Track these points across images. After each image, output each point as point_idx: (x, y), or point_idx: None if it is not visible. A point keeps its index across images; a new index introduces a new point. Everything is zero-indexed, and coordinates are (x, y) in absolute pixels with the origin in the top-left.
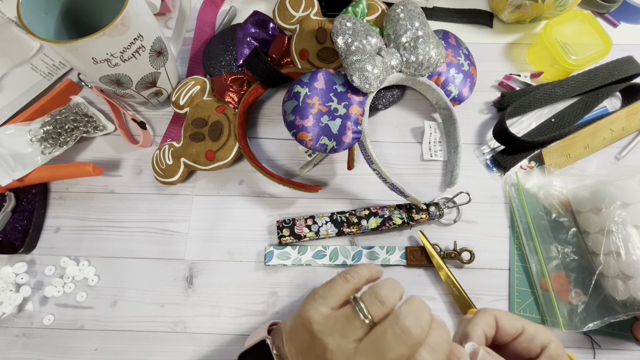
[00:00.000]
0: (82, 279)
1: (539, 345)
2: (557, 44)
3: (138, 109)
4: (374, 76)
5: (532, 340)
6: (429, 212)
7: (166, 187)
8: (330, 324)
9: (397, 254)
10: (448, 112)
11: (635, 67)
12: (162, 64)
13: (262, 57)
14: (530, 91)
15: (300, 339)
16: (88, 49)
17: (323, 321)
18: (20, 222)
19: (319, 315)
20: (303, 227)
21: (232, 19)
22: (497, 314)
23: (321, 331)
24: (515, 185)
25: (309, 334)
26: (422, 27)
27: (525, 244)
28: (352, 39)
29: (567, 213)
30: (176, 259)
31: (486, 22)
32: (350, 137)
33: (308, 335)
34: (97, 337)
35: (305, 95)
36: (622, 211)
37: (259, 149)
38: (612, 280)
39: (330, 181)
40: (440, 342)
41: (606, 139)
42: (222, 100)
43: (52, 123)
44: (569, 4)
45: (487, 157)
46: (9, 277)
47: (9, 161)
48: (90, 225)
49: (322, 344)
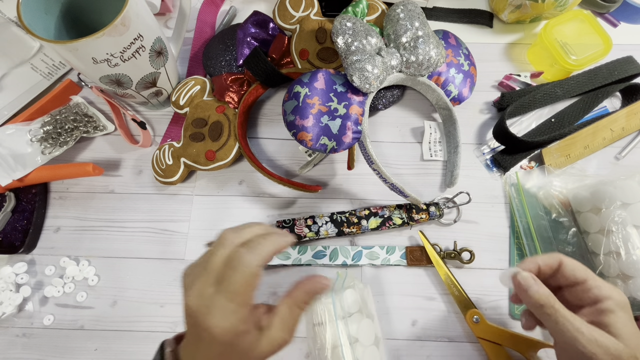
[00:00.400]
0: (82, 279)
1: (592, 298)
2: (557, 44)
3: (138, 109)
4: (374, 76)
5: (588, 291)
6: (429, 212)
7: (166, 187)
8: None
9: (397, 254)
10: (448, 112)
11: (635, 67)
12: (162, 64)
13: (262, 57)
14: (530, 91)
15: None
16: (88, 49)
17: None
18: (20, 222)
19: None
20: (303, 227)
21: (232, 19)
22: (563, 259)
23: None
24: (515, 185)
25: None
26: (422, 27)
27: (525, 244)
28: (352, 39)
29: (567, 213)
30: (176, 259)
31: (486, 22)
32: (350, 137)
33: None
34: (97, 337)
35: (305, 95)
36: (622, 211)
37: (259, 149)
38: (612, 280)
39: (330, 181)
40: (261, 243)
41: (606, 139)
42: (222, 100)
43: (52, 123)
44: (569, 4)
45: (487, 157)
46: (9, 277)
47: (9, 161)
48: (90, 225)
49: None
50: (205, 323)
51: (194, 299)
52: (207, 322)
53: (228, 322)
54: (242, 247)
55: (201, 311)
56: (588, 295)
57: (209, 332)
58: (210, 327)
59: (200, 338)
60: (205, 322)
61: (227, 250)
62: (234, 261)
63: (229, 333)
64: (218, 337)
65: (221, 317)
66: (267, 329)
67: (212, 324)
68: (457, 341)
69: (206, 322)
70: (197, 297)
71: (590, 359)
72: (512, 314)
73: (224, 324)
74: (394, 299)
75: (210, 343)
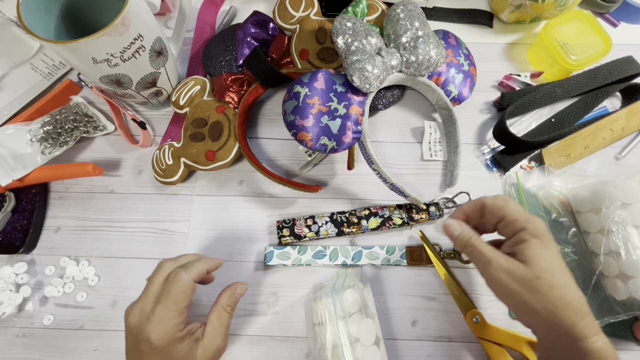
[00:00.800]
0: (82, 279)
1: (511, 231)
2: (557, 44)
3: (138, 109)
4: (374, 76)
5: (508, 225)
6: (429, 212)
7: (166, 187)
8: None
9: (397, 254)
10: (448, 112)
11: (635, 67)
12: (162, 64)
13: (262, 57)
14: (530, 91)
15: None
16: (88, 49)
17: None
18: (20, 222)
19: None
20: (303, 227)
21: (232, 19)
22: (486, 201)
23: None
24: (515, 185)
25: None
26: (422, 27)
27: None
28: (352, 39)
29: (567, 213)
30: None
31: (486, 22)
32: (350, 137)
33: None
34: (97, 337)
35: (305, 95)
36: (622, 211)
37: (259, 149)
38: (612, 280)
39: (330, 181)
40: (194, 263)
41: (606, 139)
42: (222, 100)
43: (52, 123)
44: (569, 4)
45: (487, 157)
46: (9, 277)
47: (9, 161)
48: (90, 225)
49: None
50: (145, 332)
51: (135, 316)
52: (147, 331)
53: (165, 328)
54: (179, 267)
55: (142, 323)
56: (509, 229)
57: (148, 341)
58: (149, 335)
59: (140, 353)
60: (145, 331)
61: (165, 272)
62: (171, 277)
63: (165, 339)
64: (156, 344)
65: (159, 323)
66: (201, 339)
67: (151, 331)
68: (457, 341)
69: (146, 331)
70: (138, 314)
71: (499, 283)
72: (512, 314)
73: (162, 330)
74: (394, 299)
75: (150, 355)
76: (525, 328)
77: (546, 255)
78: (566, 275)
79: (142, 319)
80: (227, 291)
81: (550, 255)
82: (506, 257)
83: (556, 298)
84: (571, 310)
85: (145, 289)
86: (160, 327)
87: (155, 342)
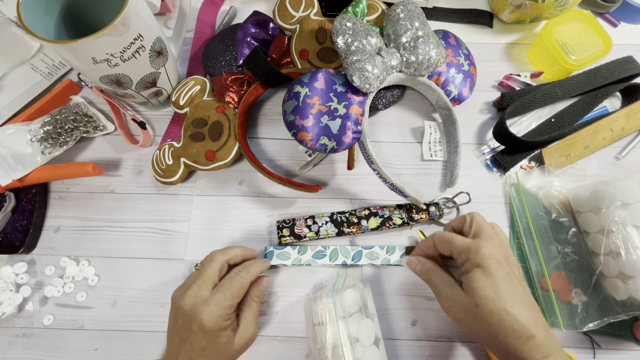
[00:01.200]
0: (82, 279)
1: (460, 262)
2: (557, 44)
3: (138, 109)
4: (374, 76)
5: (457, 257)
6: (429, 212)
7: (166, 187)
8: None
9: (397, 254)
10: (448, 112)
11: (635, 67)
12: (162, 64)
13: (262, 57)
14: (530, 91)
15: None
16: (88, 49)
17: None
18: (20, 222)
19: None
20: (303, 227)
21: (232, 19)
22: (435, 240)
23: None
24: (515, 185)
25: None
26: (422, 27)
27: (525, 244)
28: (352, 39)
29: (567, 213)
30: (176, 259)
31: (486, 22)
32: (350, 137)
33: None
34: (97, 337)
35: (305, 95)
36: (622, 211)
37: (259, 149)
38: (612, 280)
39: (330, 181)
40: (252, 265)
41: (606, 139)
42: (222, 100)
43: (52, 123)
44: (569, 4)
45: (487, 157)
46: (9, 277)
47: (9, 161)
48: (90, 225)
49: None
50: (200, 315)
51: (190, 299)
52: (202, 313)
53: (218, 314)
54: (242, 268)
55: (197, 306)
56: (459, 260)
57: (201, 323)
58: (203, 318)
59: (190, 333)
60: (201, 313)
61: (218, 264)
62: (233, 275)
63: (217, 324)
64: (207, 327)
65: (214, 310)
66: (237, 328)
67: (206, 314)
68: (457, 341)
69: (201, 314)
70: (194, 297)
71: (448, 313)
72: None
73: (215, 315)
74: (394, 299)
75: (198, 336)
76: None
77: (486, 283)
78: (509, 299)
79: (198, 303)
80: (255, 284)
81: (491, 282)
82: (453, 288)
83: (495, 324)
84: (512, 335)
85: (200, 276)
86: (215, 313)
87: (207, 325)
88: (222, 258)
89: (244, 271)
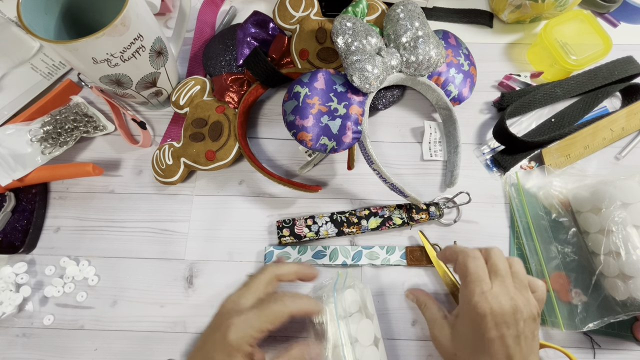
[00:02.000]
0: (82, 279)
1: (462, 299)
2: (557, 44)
3: (138, 109)
4: (374, 76)
5: (460, 293)
6: (429, 212)
7: (166, 187)
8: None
9: (397, 254)
10: (448, 112)
11: (635, 67)
12: (162, 64)
13: (262, 57)
14: (530, 91)
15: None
16: (88, 49)
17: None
18: (20, 222)
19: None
20: (303, 227)
21: (232, 19)
22: (452, 258)
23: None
24: (515, 185)
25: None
26: (422, 27)
27: (525, 244)
28: (352, 39)
29: (567, 213)
30: (176, 259)
31: (486, 22)
32: (350, 137)
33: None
34: (97, 337)
35: (305, 95)
36: (622, 211)
37: (259, 149)
38: (612, 280)
39: (330, 181)
40: (302, 298)
41: (606, 139)
42: (222, 100)
43: (52, 123)
44: (569, 4)
45: (487, 157)
46: (9, 277)
47: (9, 161)
48: (90, 225)
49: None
50: (228, 322)
51: (229, 302)
52: (230, 322)
53: (244, 332)
54: (291, 295)
55: (231, 312)
56: (459, 292)
57: (225, 333)
58: (229, 328)
59: (210, 339)
60: (229, 320)
61: (266, 276)
62: (279, 297)
63: (237, 342)
64: (228, 340)
65: (244, 324)
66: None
67: (234, 324)
68: None
69: (230, 322)
70: (233, 302)
71: (435, 345)
72: None
73: (242, 331)
74: (394, 299)
75: (216, 346)
76: None
77: (468, 340)
78: (485, 356)
79: (234, 309)
80: (300, 348)
81: (473, 341)
82: (441, 329)
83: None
84: None
85: (247, 285)
86: (241, 329)
87: (229, 337)
88: (273, 272)
89: (290, 299)
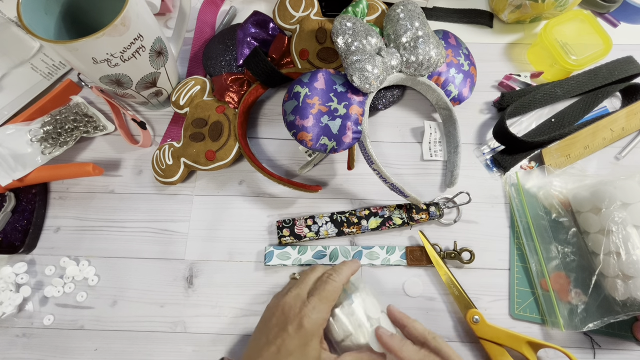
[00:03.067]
0: (82, 279)
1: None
2: (557, 44)
3: (138, 109)
4: (374, 76)
5: (415, 339)
6: (429, 212)
7: (166, 187)
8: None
9: (397, 254)
10: (448, 112)
11: (635, 67)
12: (162, 64)
13: (262, 57)
14: (530, 91)
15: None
16: (88, 49)
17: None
18: (20, 222)
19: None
20: (303, 227)
21: (232, 19)
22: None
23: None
24: (515, 185)
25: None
26: (422, 27)
27: (525, 244)
28: (352, 39)
29: (567, 213)
30: (176, 259)
31: (486, 22)
32: (350, 137)
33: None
34: (97, 337)
35: (305, 95)
36: (622, 211)
37: (259, 149)
38: (612, 280)
39: (330, 181)
40: (343, 268)
41: (606, 139)
42: (222, 100)
43: (52, 123)
44: (569, 4)
45: (487, 157)
46: (9, 277)
47: (9, 161)
48: (90, 225)
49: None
50: (299, 314)
51: (291, 299)
52: (302, 313)
53: (316, 316)
54: (333, 270)
55: (297, 305)
56: (419, 341)
57: (300, 323)
58: (303, 317)
59: (281, 333)
60: (300, 313)
61: (318, 273)
62: (325, 278)
63: (314, 327)
64: (306, 327)
65: (313, 310)
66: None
67: (306, 314)
68: (457, 341)
69: (300, 313)
70: (294, 297)
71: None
72: (512, 314)
73: (314, 317)
74: (394, 299)
75: (291, 338)
76: (525, 328)
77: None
78: None
79: (298, 302)
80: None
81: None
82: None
83: None
84: None
85: (300, 282)
86: (312, 315)
87: (305, 325)
88: (324, 269)
89: (335, 273)
